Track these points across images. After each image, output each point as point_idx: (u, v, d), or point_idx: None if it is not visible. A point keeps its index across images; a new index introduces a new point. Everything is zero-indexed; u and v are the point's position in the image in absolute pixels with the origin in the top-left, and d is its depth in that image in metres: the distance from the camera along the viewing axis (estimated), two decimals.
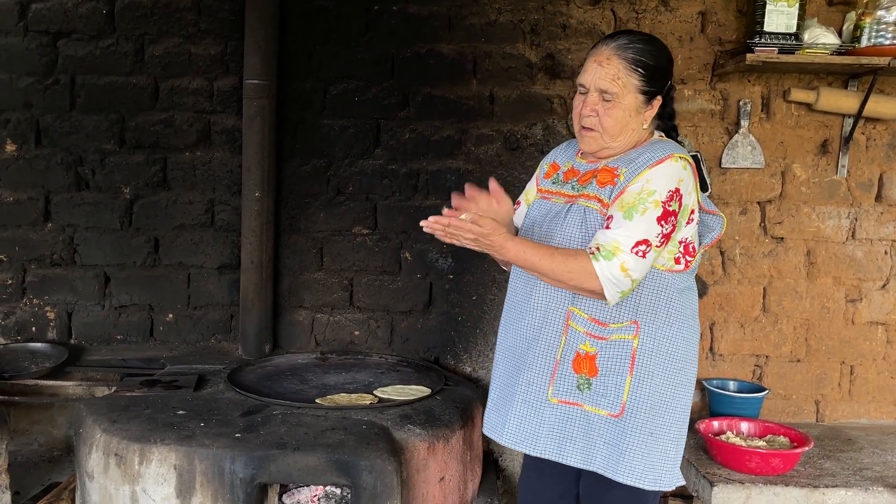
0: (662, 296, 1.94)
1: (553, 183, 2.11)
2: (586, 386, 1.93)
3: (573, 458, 1.95)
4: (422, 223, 1.83)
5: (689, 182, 1.92)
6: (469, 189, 1.94)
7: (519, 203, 2.20)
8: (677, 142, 2.05)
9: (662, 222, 1.85)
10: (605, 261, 1.81)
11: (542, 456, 1.98)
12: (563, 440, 1.95)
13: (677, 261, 1.96)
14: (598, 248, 1.84)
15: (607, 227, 1.86)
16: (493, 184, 1.98)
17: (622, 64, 1.90)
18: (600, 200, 1.93)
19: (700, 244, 2.05)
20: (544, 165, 2.19)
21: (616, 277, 1.82)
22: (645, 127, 1.98)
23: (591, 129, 1.95)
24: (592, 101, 1.93)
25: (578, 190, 2.01)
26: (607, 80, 1.90)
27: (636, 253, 1.82)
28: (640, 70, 1.91)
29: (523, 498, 2.26)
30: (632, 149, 1.98)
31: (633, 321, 1.92)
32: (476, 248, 1.88)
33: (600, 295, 1.86)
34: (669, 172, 1.87)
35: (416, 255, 3.19)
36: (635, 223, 1.83)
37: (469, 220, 1.81)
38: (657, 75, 1.94)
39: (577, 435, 1.94)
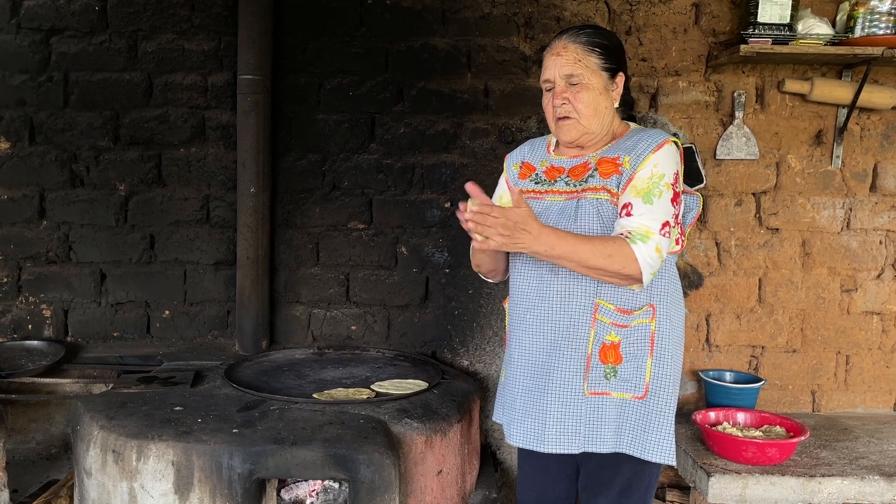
0: (668, 277, 2.01)
1: (535, 182, 2.10)
2: (613, 374, 1.97)
3: (607, 445, 1.98)
4: (474, 192, 1.79)
5: (680, 165, 1.99)
6: (473, 188, 1.86)
7: None
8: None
9: (675, 203, 1.93)
10: (643, 243, 1.86)
11: (581, 450, 1.98)
12: (598, 429, 1.98)
13: (676, 241, 2.01)
14: (630, 233, 1.87)
15: (629, 215, 1.90)
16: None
17: (579, 48, 1.98)
18: (609, 191, 1.95)
19: (686, 224, 2.10)
20: (513, 168, 2.20)
21: (653, 259, 1.87)
22: (616, 106, 2.03)
23: (567, 118, 2.00)
24: (561, 90, 1.99)
25: (577, 185, 2.01)
26: (569, 64, 1.97)
27: (664, 234, 1.89)
28: (597, 49, 1.99)
29: (525, 498, 2.26)
30: (614, 139, 2.03)
31: (650, 305, 1.98)
32: (502, 242, 1.81)
33: (635, 279, 1.89)
34: (671, 155, 1.95)
35: (412, 249, 3.19)
36: (656, 206, 1.89)
37: (499, 210, 1.80)
38: (614, 53, 2.02)
39: (610, 421, 1.98)
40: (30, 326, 3.23)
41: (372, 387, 2.64)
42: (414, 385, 2.68)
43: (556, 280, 1.99)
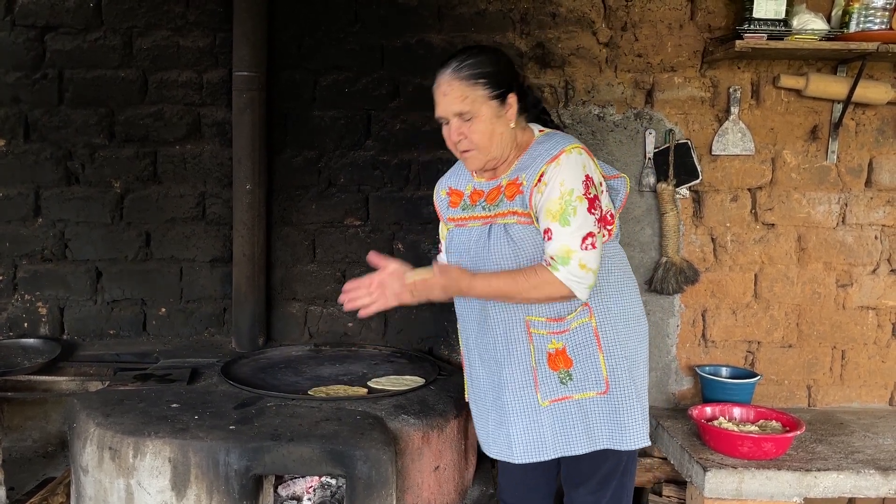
0: (602, 271, 2.01)
1: (463, 210, 2.16)
2: (568, 378, 2.02)
3: (580, 447, 2.02)
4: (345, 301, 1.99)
5: (589, 161, 2.00)
6: (375, 257, 2.01)
7: (441, 243, 2.30)
8: (550, 122, 2.18)
9: (592, 210, 1.95)
10: (563, 266, 1.90)
11: (554, 457, 2.04)
12: (566, 434, 2.03)
13: (609, 231, 2.07)
14: (552, 259, 1.92)
15: (549, 240, 1.94)
16: (372, 256, 2.03)
17: (462, 84, 1.98)
18: (516, 213, 2.01)
19: (615, 209, 2.14)
20: (441, 195, 2.26)
21: (579, 276, 1.91)
22: (512, 126, 2.03)
23: (468, 150, 2.03)
24: (456, 126, 2.01)
25: (490, 209, 2.07)
26: (457, 103, 1.98)
27: (586, 248, 1.92)
28: (480, 81, 1.98)
29: (509, 497, 2.31)
30: (522, 153, 2.05)
31: (584, 304, 2.03)
32: (389, 302, 1.96)
33: (569, 299, 1.95)
34: (572, 165, 1.95)
35: (408, 245, 3.19)
36: (573, 225, 1.91)
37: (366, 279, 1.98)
38: (499, 77, 2.00)
39: (578, 423, 2.02)
40: (26, 324, 3.22)
41: (369, 383, 2.64)
42: (411, 381, 2.68)
43: (486, 305, 2.07)
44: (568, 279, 1.90)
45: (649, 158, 3.08)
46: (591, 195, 1.95)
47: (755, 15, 2.80)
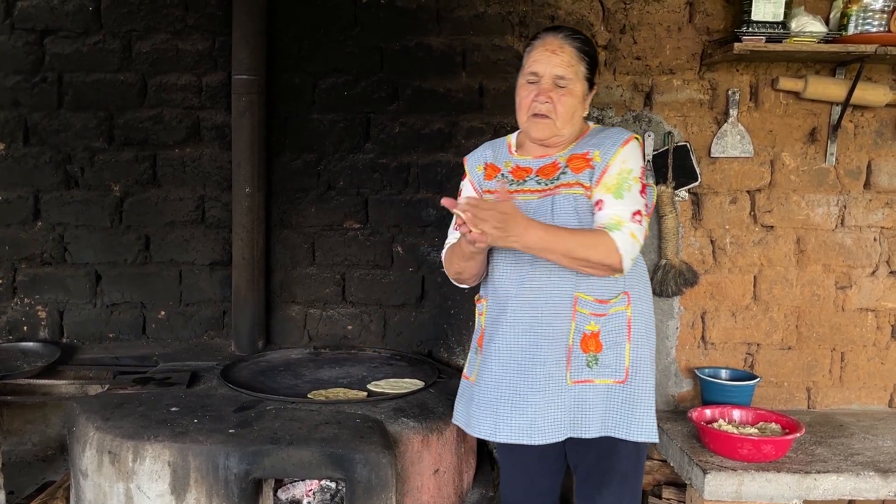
0: (638, 263, 2.07)
1: (505, 184, 2.11)
2: (594, 362, 2.01)
3: (592, 430, 2.01)
4: (450, 205, 1.82)
5: (643, 159, 2.09)
6: (449, 202, 1.88)
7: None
8: None
9: (643, 195, 2.00)
10: (618, 231, 1.91)
11: (563, 438, 2.01)
12: (583, 416, 2.01)
13: None
14: (604, 226, 1.93)
15: (600, 209, 1.96)
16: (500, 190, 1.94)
17: (574, 52, 2.02)
18: (582, 185, 2.00)
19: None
20: (478, 170, 2.21)
21: (629, 245, 1.93)
22: (585, 113, 2.10)
23: (545, 116, 2.02)
24: (547, 89, 2.01)
25: (549, 183, 2.05)
26: (563, 66, 2.00)
27: (636, 221, 1.95)
28: (586, 59, 2.05)
29: (511, 496, 2.28)
30: (579, 138, 2.09)
31: (624, 292, 2.03)
32: (497, 236, 1.83)
33: (615, 268, 1.94)
34: (637, 151, 2.03)
35: (407, 248, 3.19)
36: (626, 199, 1.95)
37: (490, 203, 1.84)
38: (595, 64, 2.09)
39: (594, 407, 2.01)
40: (25, 328, 3.22)
41: (368, 386, 2.64)
42: (410, 384, 2.68)
43: (536, 277, 2.02)
44: (622, 245, 1.91)
45: (648, 161, 3.08)
46: (645, 182, 2.02)
47: (753, 17, 2.80)
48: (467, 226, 1.83)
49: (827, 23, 2.92)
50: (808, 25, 2.83)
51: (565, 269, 1.96)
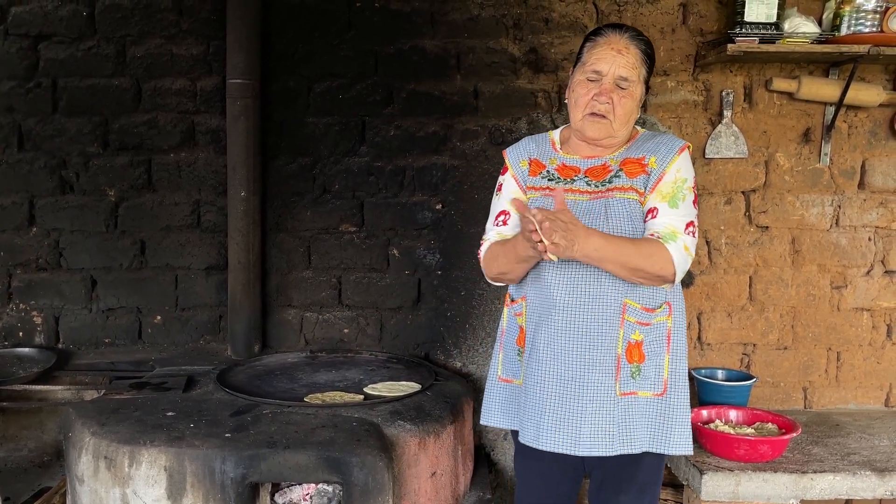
0: None
1: (549, 180, 2.07)
2: (637, 373, 1.98)
3: (637, 445, 1.97)
4: (521, 209, 1.80)
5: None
6: (519, 204, 1.88)
7: (507, 213, 2.13)
8: None
9: (695, 206, 1.99)
10: (673, 243, 1.89)
11: (617, 453, 1.95)
12: (630, 431, 1.96)
13: None
14: (659, 235, 1.91)
15: (654, 218, 1.93)
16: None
17: (639, 54, 1.99)
18: (637, 191, 1.97)
19: None
20: (522, 165, 2.14)
21: (683, 257, 1.91)
22: (638, 116, 2.07)
23: (603, 116, 1.98)
24: (609, 89, 1.97)
25: (601, 185, 2.00)
26: (627, 68, 1.97)
27: (689, 233, 1.94)
28: (647, 63, 2.02)
29: (525, 503, 2.22)
30: (629, 141, 2.06)
31: (667, 303, 2.01)
32: (563, 247, 1.77)
33: (667, 279, 1.92)
34: (689, 160, 2.02)
35: (403, 251, 3.19)
36: (681, 209, 1.94)
37: (550, 213, 1.80)
38: (652, 70, 2.07)
39: (637, 420, 1.97)
40: (20, 334, 3.21)
41: (365, 389, 2.64)
42: (407, 387, 2.68)
43: (586, 282, 1.95)
44: (676, 257, 1.89)
45: None
46: (697, 193, 2.02)
47: (747, 19, 2.81)
48: (538, 234, 1.75)
49: (820, 23, 2.93)
50: (801, 26, 2.84)
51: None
